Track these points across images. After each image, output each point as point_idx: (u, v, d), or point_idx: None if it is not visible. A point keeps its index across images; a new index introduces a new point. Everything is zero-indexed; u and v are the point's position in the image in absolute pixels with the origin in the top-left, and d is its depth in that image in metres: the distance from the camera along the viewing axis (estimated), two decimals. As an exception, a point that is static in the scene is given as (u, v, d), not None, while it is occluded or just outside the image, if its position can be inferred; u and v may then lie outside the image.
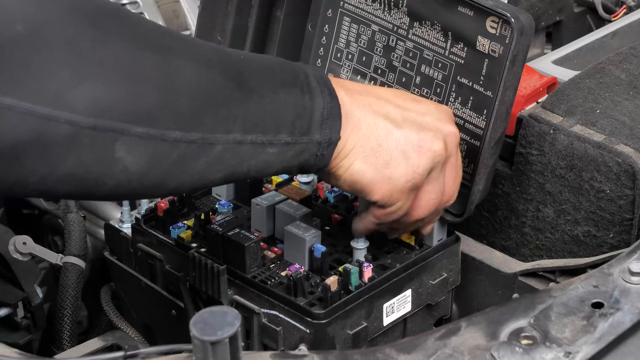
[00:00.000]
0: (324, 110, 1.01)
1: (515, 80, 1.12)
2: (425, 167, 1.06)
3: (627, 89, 1.28)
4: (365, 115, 1.05)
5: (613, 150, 1.18)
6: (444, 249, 1.19)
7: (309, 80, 1.02)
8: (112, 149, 0.89)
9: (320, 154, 1.02)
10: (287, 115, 0.99)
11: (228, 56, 1.00)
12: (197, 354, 0.84)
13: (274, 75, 1.01)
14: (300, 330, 1.08)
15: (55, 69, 0.86)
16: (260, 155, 0.98)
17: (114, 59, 0.90)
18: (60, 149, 0.87)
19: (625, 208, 1.18)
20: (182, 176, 0.95)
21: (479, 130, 1.17)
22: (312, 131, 1.01)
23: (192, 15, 1.76)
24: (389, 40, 1.23)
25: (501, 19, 1.12)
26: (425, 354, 0.94)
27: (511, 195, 1.27)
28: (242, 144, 0.97)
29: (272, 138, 0.98)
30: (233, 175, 0.98)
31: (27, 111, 0.84)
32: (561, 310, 0.97)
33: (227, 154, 0.96)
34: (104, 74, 0.89)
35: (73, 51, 0.88)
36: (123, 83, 0.89)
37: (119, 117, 0.88)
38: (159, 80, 0.92)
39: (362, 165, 1.04)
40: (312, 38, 1.30)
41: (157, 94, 0.91)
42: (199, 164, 0.95)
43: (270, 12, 1.32)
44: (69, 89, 0.86)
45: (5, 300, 1.30)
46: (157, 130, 0.91)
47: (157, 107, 0.91)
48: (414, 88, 1.22)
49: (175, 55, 0.95)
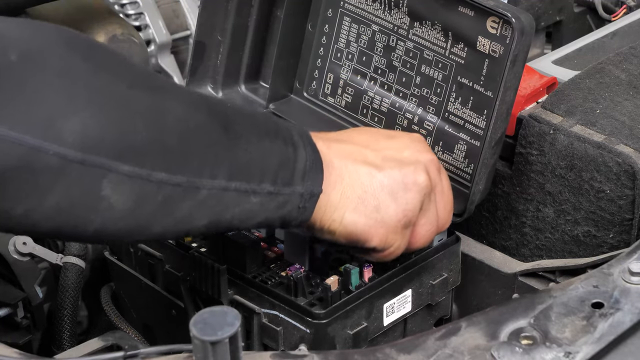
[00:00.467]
0: (306, 163, 1.01)
1: (515, 80, 1.12)
2: (414, 202, 1.06)
3: (627, 89, 1.28)
4: (345, 164, 1.05)
5: (613, 150, 1.18)
6: (444, 249, 1.19)
7: (291, 133, 1.02)
8: (99, 185, 0.88)
9: (303, 206, 1.01)
10: (270, 164, 0.99)
11: (215, 101, 1.01)
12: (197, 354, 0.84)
13: (258, 124, 1.01)
14: (300, 330, 1.08)
15: (47, 99, 0.86)
16: (244, 204, 0.98)
17: (105, 93, 0.90)
18: (47, 181, 0.86)
19: (625, 208, 1.18)
20: (167, 219, 0.94)
21: (479, 131, 1.17)
22: (295, 182, 1.00)
23: (192, 15, 1.76)
24: (389, 40, 1.23)
25: (502, 19, 1.12)
26: (425, 354, 0.94)
27: (511, 195, 1.27)
28: (227, 191, 0.96)
29: (256, 187, 0.98)
30: (217, 223, 0.98)
31: (17, 140, 0.84)
32: (561, 310, 0.97)
33: (211, 200, 0.96)
34: (95, 107, 0.88)
35: (65, 83, 0.87)
36: (113, 117, 0.89)
37: (107, 153, 0.88)
38: (148, 117, 0.92)
39: (353, 216, 1.04)
40: (312, 38, 1.30)
41: (146, 131, 0.91)
42: (183, 208, 0.94)
43: (270, 11, 1.32)
44: (59, 120, 0.86)
45: (5, 300, 1.30)
46: (144, 170, 0.90)
47: (146, 145, 0.91)
48: (414, 88, 1.22)
49: (166, 95, 0.95)
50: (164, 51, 1.73)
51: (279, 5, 1.30)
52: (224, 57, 1.31)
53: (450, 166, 1.21)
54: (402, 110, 1.24)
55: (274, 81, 1.31)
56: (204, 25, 1.30)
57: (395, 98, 1.24)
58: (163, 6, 1.75)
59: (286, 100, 1.33)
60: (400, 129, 1.24)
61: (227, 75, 1.32)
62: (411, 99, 1.23)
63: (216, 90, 1.32)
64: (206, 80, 1.32)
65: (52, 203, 0.87)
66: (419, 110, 1.23)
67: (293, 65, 1.32)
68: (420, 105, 1.22)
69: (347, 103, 1.29)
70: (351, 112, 1.28)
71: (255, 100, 1.33)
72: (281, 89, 1.32)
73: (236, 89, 1.34)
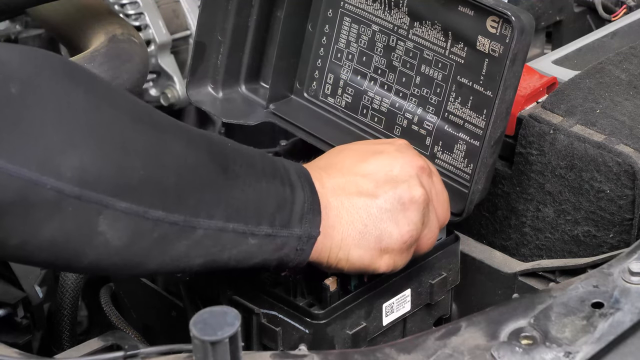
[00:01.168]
0: (304, 205, 1.01)
1: (515, 79, 1.12)
2: (415, 220, 1.06)
3: (627, 89, 1.28)
4: (342, 202, 1.04)
5: (613, 150, 1.18)
6: (443, 248, 1.19)
7: (289, 174, 1.02)
8: (95, 221, 0.88)
9: (300, 248, 1.01)
10: (268, 205, 0.99)
11: (215, 140, 1.00)
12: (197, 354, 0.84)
13: (256, 164, 1.01)
14: (299, 330, 1.08)
15: (46, 133, 0.86)
16: (242, 245, 0.98)
17: (104, 129, 0.89)
18: (43, 215, 0.86)
19: (625, 208, 1.18)
20: (162, 257, 0.94)
21: (479, 130, 1.17)
22: (293, 224, 1.00)
23: (192, 15, 1.76)
24: (389, 40, 1.23)
25: (502, 18, 1.12)
26: (425, 354, 0.94)
27: (511, 195, 1.27)
28: (224, 232, 0.96)
29: (254, 228, 0.98)
30: (214, 263, 0.98)
31: (14, 173, 0.84)
32: (561, 310, 0.97)
33: (208, 240, 0.95)
34: (94, 143, 0.88)
35: (65, 117, 0.87)
36: (111, 153, 0.89)
37: (104, 189, 0.88)
38: (147, 155, 0.92)
39: (358, 252, 1.04)
40: (312, 38, 1.30)
41: (144, 169, 0.91)
42: (179, 247, 0.94)
43: (270, 12, 1.32)
44: (57, 155, 0.86)
45: (5, 300, 1.30)
46: (141, 207, 0.90)
47: (143, 182, 0.90)
48: (413, 88, 1.22)
49: (165, 132, 0.95)
50: (164, 51, 1.73)
51: (279, 5, 1.30)
52: (224, 57, 1.31)
53: (450, 166, 1.21)
54: (401, 110, 1.24)
55: (274, 81, 1.31)
56: (204, 25, 1.29)
57: (395, 98, 1.24)
58: (163, 6, 1.75)
59: (286, 100, 1.33)
60: (400, 129, 1.24)
61: (228, 75, 1.32)
62: (411, 99, 1.23)
63: (216, 90, 1.32)
64: (206, 81, 1.32)
65: (48, 236, 0.87)
66: (418, 110, 1.23)
67: (293, 66, 1.32)
68: (420, 105, 1.22)
69: (347, 103, 1.29)
70: (351, 113, 1.28)
71: (256, 101, 1.33)
72: (281, 89, 1.32)
73: (236, 89, 1.34)
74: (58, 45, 1.83)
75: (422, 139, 1.22)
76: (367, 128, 1.27)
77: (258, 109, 1.32)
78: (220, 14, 1.29)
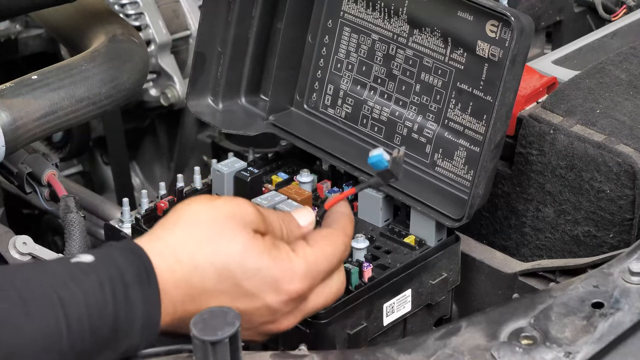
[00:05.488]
0: None
1: (515, 82, 1.12)
2: None
3: (627, 89, 1.28)
4: None
5: (613, 150, 1.18)
6: (443, 248, 1.19)
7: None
8: None
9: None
10: None
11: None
12: (197, 354, 0.85)
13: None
14: (300, 330, 1.08)
15: None
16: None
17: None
18: None
19: (625, 208, 1.18)
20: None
21: (479, 136, 1.17)
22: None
23: (192, 15, 1.76)
24: (389, 48, 1.23)
25: (501, 21, 1.12)
26: (425, 354, 0.94)
27: (511, 195, 1.27)
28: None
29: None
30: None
31: None
32: (561, 310, 0.97)
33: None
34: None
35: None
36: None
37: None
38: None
39: None
40: (312, 49, 1.30)
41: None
42: None
43: (270, 23, 1.32)
44: None
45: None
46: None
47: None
48: (413, 96, 1.22)
49: None
50: (164, 51, 1.74)
51: (279, 16, 1.30)
52: (225, 69, 1.31)
53: (450, 173, 1.20)
54: (401, 119, 1.24)
55: (274, 93, 1.31)
56: (204, 36, 1.29)
57: (395, 107, 1.24)
58: (163, 6, 1.75)
59: (286, 112, 1.32)
60: (400, 137, 1.24)
61: (228, 87, 1.32)
62: (411, 107, 1.23)
63: (216, 102, 1.32)
64: (206, 92, 1.32)
65: None
66: (418, 118, 1.23)
67: (293, 77, 1.31)
68: (420, 113, 1.22)
69: (347, 114, 1.28)
70: (351, 123, 1.28)
71: (256, 113, 1.33)
72: (281, 101, 1.32)
73: (236, 101, 1.34)
74: (58, 45, 1.83)
75: (422, 147, 1.22)
76: (367, 138, 1.27)
77: (258, 120, 1.32)
78: (220, 25, 1.29)
